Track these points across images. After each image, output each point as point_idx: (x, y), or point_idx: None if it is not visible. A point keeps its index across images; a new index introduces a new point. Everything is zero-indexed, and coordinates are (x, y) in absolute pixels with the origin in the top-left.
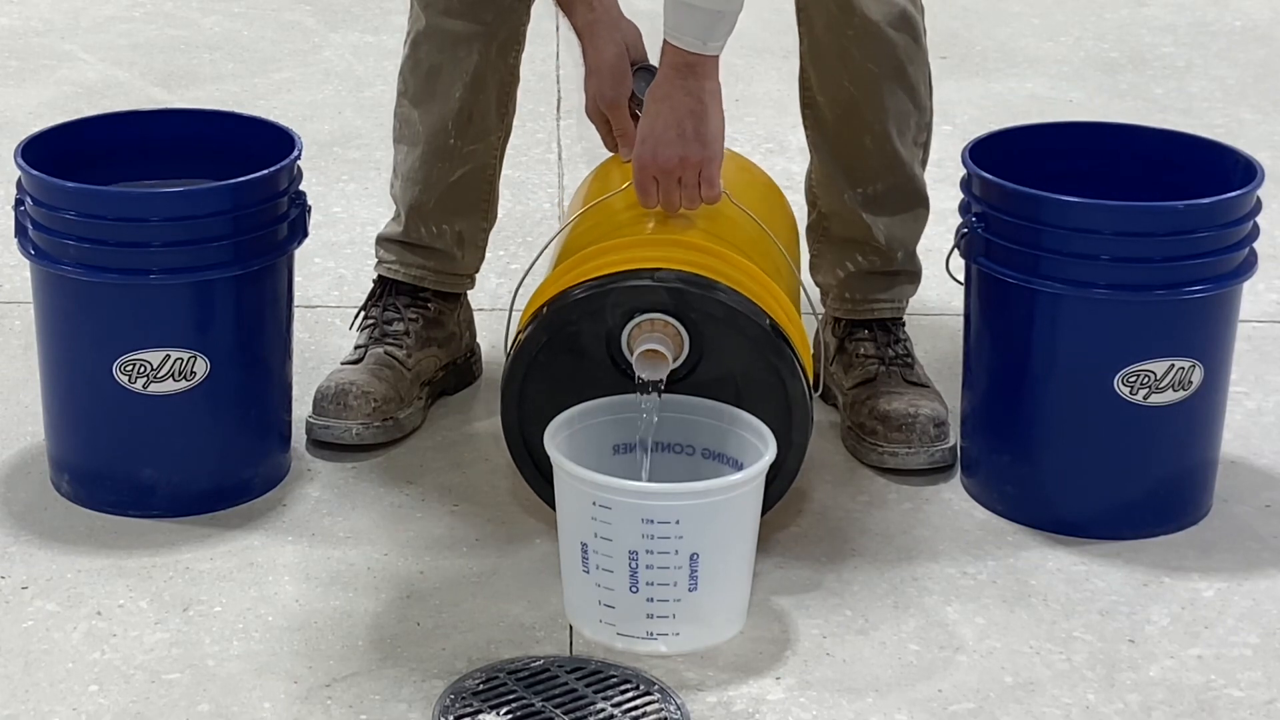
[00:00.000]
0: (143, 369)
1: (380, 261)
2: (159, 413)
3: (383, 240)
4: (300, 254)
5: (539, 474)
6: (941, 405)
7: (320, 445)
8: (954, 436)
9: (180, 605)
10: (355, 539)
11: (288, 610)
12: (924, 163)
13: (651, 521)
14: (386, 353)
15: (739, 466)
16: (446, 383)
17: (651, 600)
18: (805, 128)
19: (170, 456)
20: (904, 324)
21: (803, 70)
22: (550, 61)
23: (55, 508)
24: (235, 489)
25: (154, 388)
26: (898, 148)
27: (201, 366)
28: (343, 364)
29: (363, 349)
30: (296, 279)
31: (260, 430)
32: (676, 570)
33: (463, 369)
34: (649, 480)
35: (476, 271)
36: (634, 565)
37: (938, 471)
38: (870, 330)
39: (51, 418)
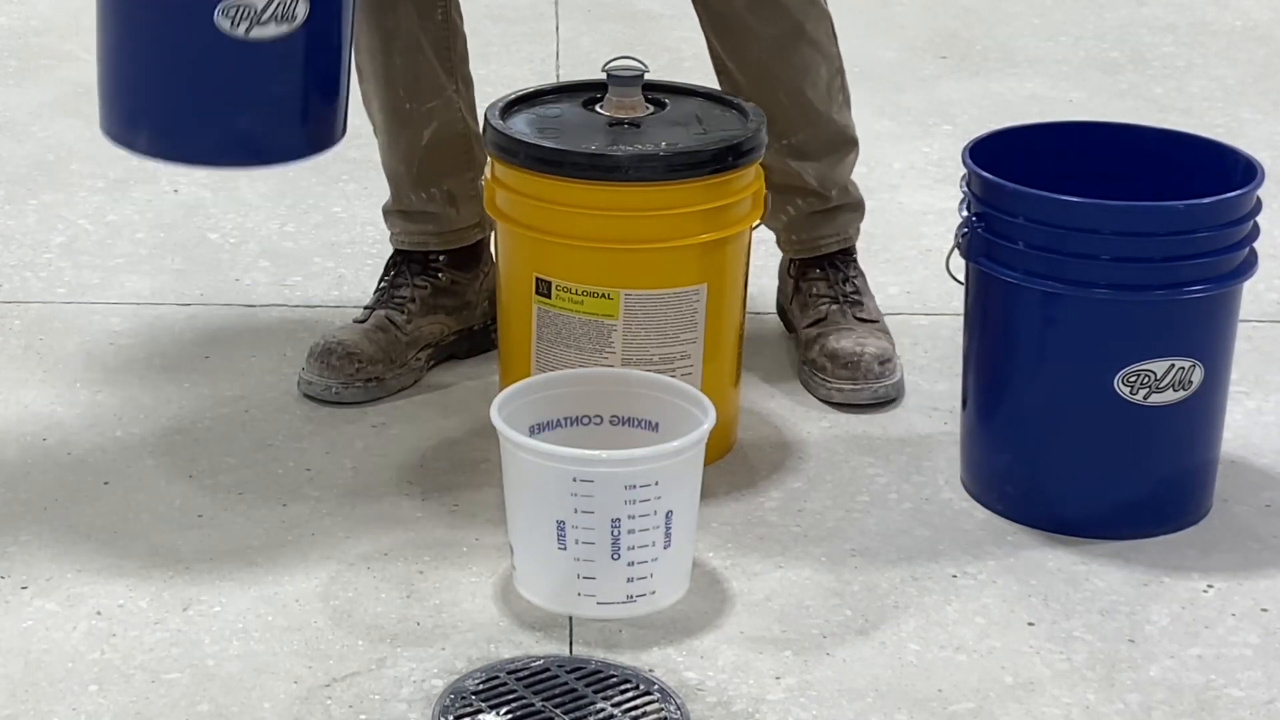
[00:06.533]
0: None
1: (391, 234)
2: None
3: (385, 213)
4: (300, 254)
5: None
6: (889, 342)
7: (305, 398)
8: (900, 372)
9: (180, 605)
10: (355, 538)
11: (288, 610)
12: (846, 103)
13: (634, 486)
14: (387, 316)
15: (654, 427)
16: (457, 347)
17: (632, 564)
18: (723, 91)
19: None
20: (855, 256)
21: (709, 42)
22: (550, 61)
23: (55, 508)
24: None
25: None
26: (810, 99)
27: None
28: (352, 322)
29: (369, 310)
30: (296, 279)
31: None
32: (655, 530)
33: (479, 335)
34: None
35: (480, 221)
36: (616, 533)
37: (880, 406)
38: (822, 269)
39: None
